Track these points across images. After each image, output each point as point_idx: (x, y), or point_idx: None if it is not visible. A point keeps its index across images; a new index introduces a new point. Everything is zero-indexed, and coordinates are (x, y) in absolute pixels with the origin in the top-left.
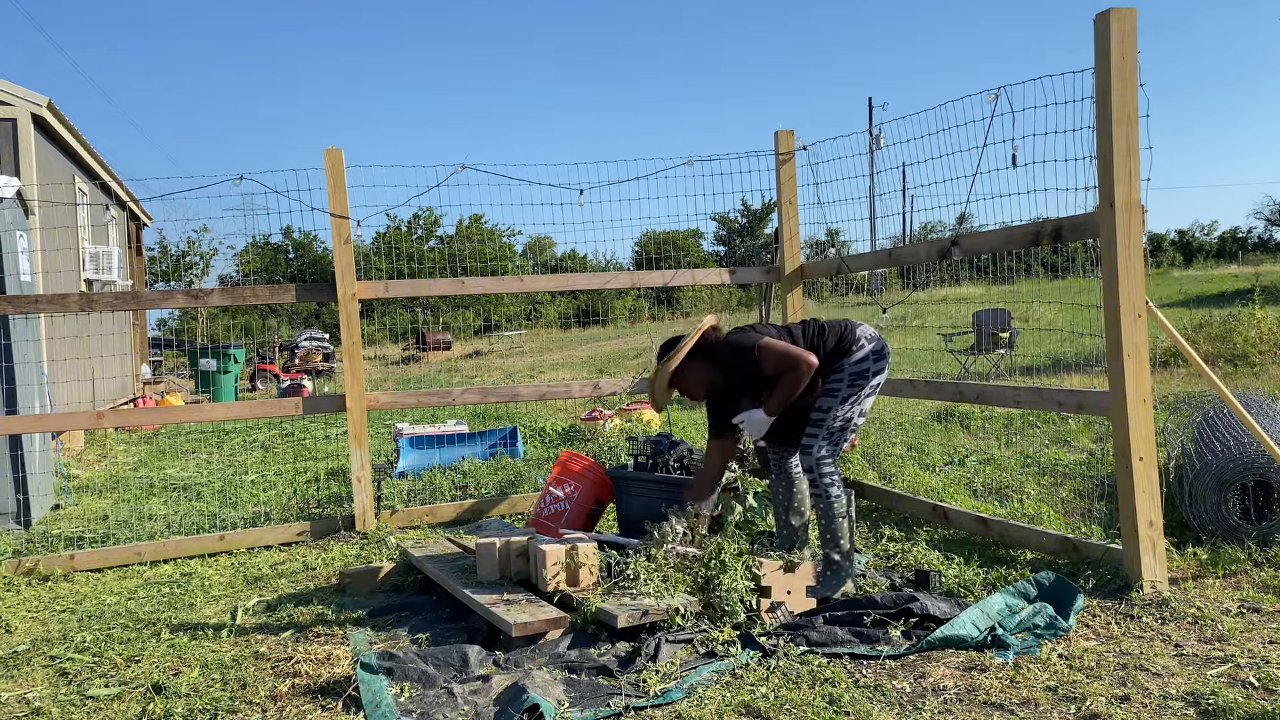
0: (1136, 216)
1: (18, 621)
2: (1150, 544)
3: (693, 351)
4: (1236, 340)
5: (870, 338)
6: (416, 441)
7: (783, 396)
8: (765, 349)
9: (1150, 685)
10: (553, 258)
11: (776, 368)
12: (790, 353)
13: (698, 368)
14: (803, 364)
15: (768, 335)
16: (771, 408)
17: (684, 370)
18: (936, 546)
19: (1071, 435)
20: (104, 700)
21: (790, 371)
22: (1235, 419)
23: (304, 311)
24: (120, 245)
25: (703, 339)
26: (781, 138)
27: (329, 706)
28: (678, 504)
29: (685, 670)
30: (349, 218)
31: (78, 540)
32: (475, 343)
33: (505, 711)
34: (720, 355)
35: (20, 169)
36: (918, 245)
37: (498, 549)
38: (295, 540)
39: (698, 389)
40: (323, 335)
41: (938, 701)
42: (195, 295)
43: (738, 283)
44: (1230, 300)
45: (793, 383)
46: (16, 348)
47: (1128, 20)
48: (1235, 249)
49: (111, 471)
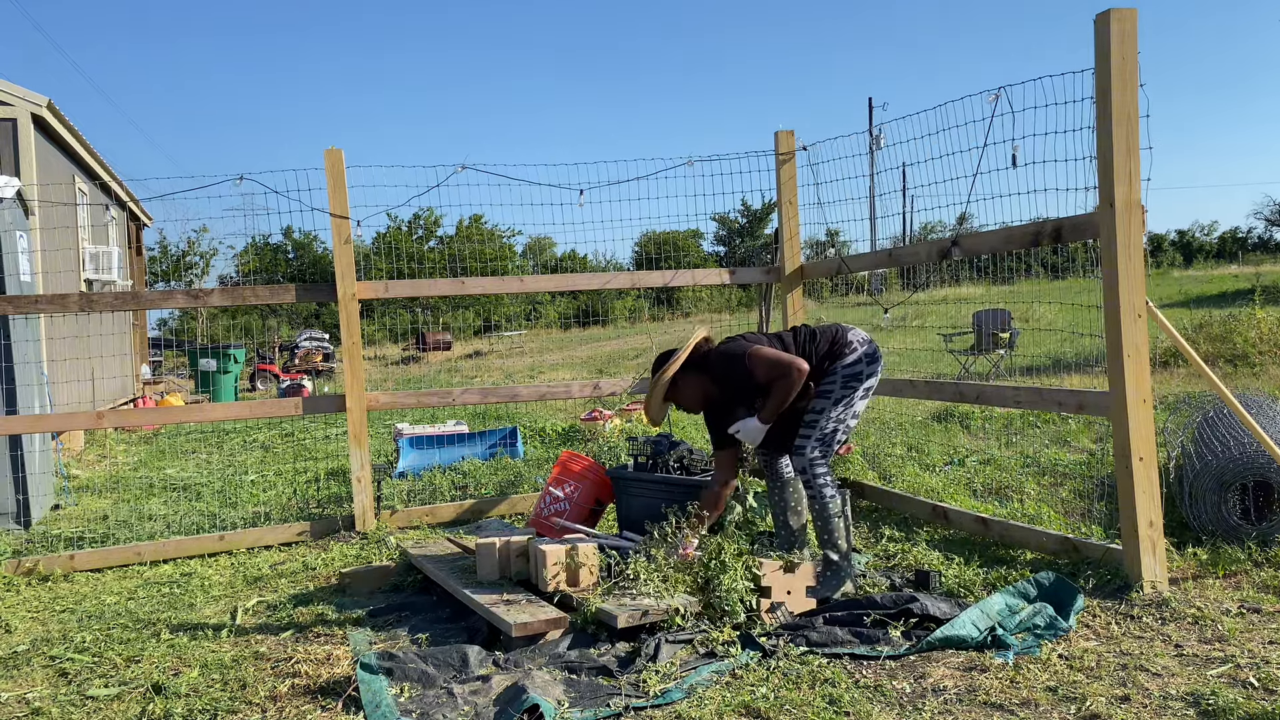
0: (1136, 216)
1: (18, 621)
2: (1150, 544)
3: (686, 364)
4: (1236, 340)
5: (862, 341)
6: (416, 441)
7: (776, 403)
8: (756, 357)
9: (1150, 685)
10: (553, 258)
11: (768, 375)
12: (781, 359)
13: (692, 380)
14: (793, 370)
15: (758, 343)
16: (766, 415)
17: (678, 383)
18: (936, 547)
19: (1071, 435)
20: (104, 700)
21: (782, 379)
22: (1235, 419)
23: (304, 311)
24: (120, 245)
25: (695, 351)
26: (781, 138)
27: (329, 706)
28: (678, 504)
29: (685, 670)
30: (349, 218)
31: (78, 540)
32: (475, 343)
33: (505, 711)
34: (713, 366)
35: (20, 169)
36: (918, 245)
37: (498, 549)
38: (295, 540)
39: (693, 401)
40: (323, 335)
41: (938, 702)
42: (195, 295)
43: (738, 283)
44: (1230, 300)
45: (785, 389)
46: (16, 348)
47: (1128, 20)
48: (1235, 249)
49: (111, 471)
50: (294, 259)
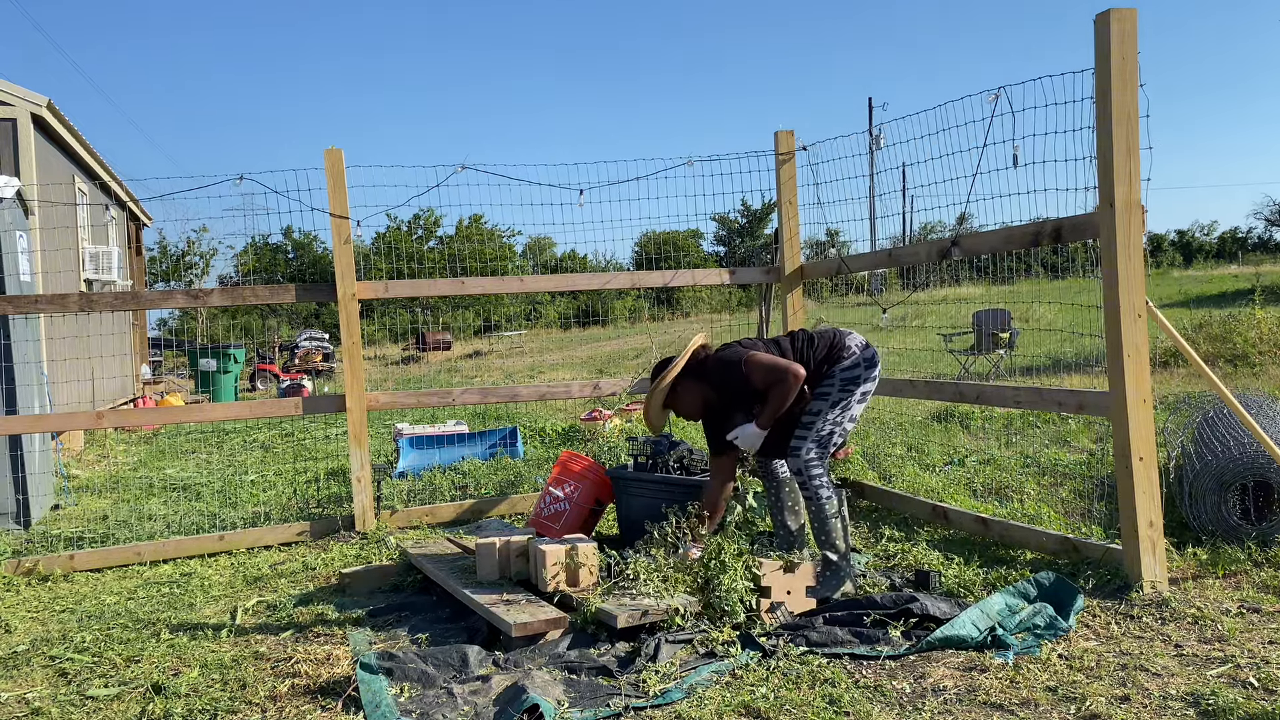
0: (1136, 216)
1: (17, 621)
2: (1150, 544)
3: (684, 371)
4: (1236, 340)
5: (860, 345)
6: (416, 441)
7: (773, 408)
8: (753, 363)
9: (1150, 685)
10: (553, 258)
11: (765, 380)
12: (778, 365)
13: (690, 387)
14: (790, 375)
15: (755, 350)
16: (763, 421)
17: (677, 390)
18: (936, 546)
19: (1071, 435)
20: (104, 700)
21: (779, 384)
22: (1235, 419)
23: (304, 311)
24: (120, 245)
25: (692, 359)
26: (781, 138)
27: (329, 706)
28: (678, 504)
29: (685, 670)
30: (349, 218)
31: (77, 540)
32: (475, 343)
33: (505, 711)
34: (710, 373)
35: (20, 169)
36: (918, 245)
37: (498, 549)
38: (295, 540)
39: (692, 408)
40: (322, 335)
41: (938, 702)
42: (195, 295)
43: (738, 283)
44: (1230, 300)
45: (781, 395)
46: (16, 348)
47: (1128, 20)
48: (1235, 249)
49: (111, 471)
50: (294, 259)
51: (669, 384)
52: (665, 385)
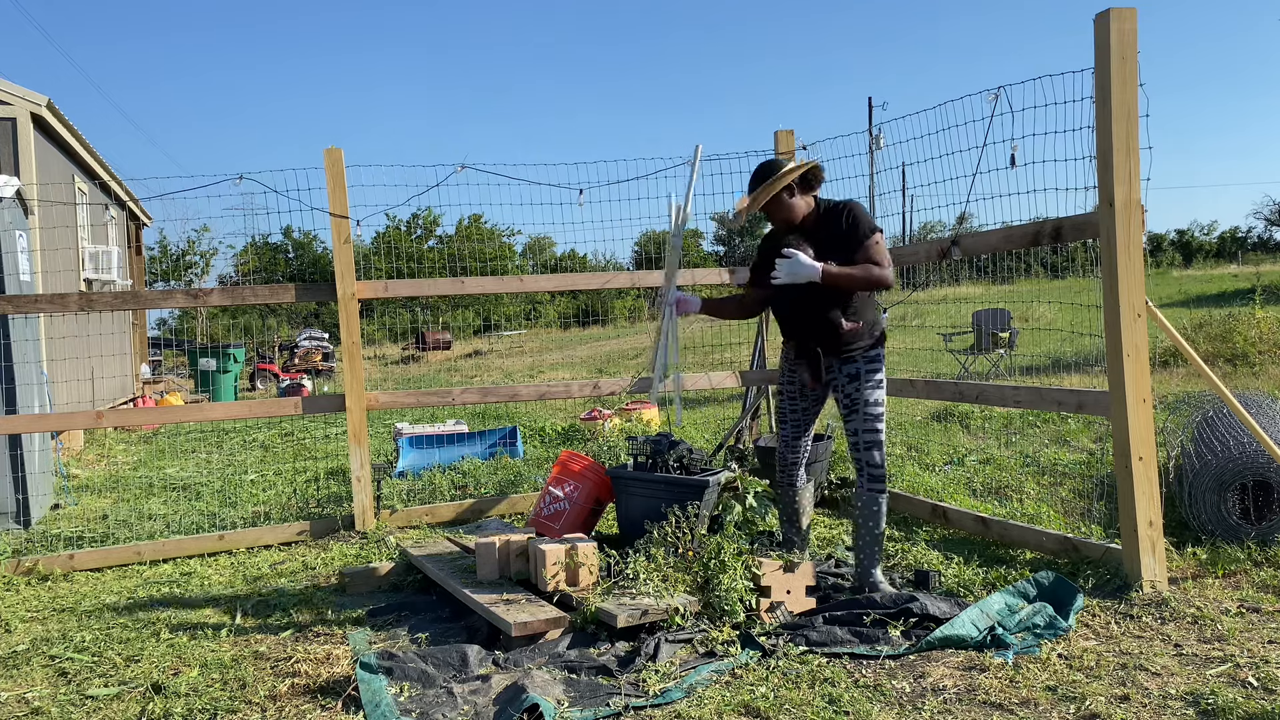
0: (1136, 216)
1: (17, 621)
2: (1150, 544)
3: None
4: (1236, 340)
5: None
6: (416, 441)
7: (847, 277)
8: (878, 240)
9: (1150, 685)
10: (552, 257)
11: (868, 256)
12: (887, 260)
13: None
14: (887, 277)
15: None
16: (832, 272)
17: (791, 192)
18: (936, 546)
19: (1071, 435)
20: (103, 700)
21: (875, 269)
22: (1235, 419)
23: (303, 311)
24: (120, 245)
25: (812, 173)
26: (781, 138)
27: (329, 706)
28: (678, 504)
29: (685, 670)
30: (349, 217)
31: (77, 540)
32: (475, 342)
33: (505, 711)
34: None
35: (20, 168)
36: (918, 245)
37: (498, 549)
38: (295, 540)
39: (792, 215)
40: (322, 335)
41: (937, 701)
42: (195, 295)
43: (737, 283)
44: (1230, 300)
45: (865, 281)
46: (16, 347)
47: (1128, 20)
48: (1235, 249)
49: (111, 471)
50: (294, 259)
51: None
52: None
